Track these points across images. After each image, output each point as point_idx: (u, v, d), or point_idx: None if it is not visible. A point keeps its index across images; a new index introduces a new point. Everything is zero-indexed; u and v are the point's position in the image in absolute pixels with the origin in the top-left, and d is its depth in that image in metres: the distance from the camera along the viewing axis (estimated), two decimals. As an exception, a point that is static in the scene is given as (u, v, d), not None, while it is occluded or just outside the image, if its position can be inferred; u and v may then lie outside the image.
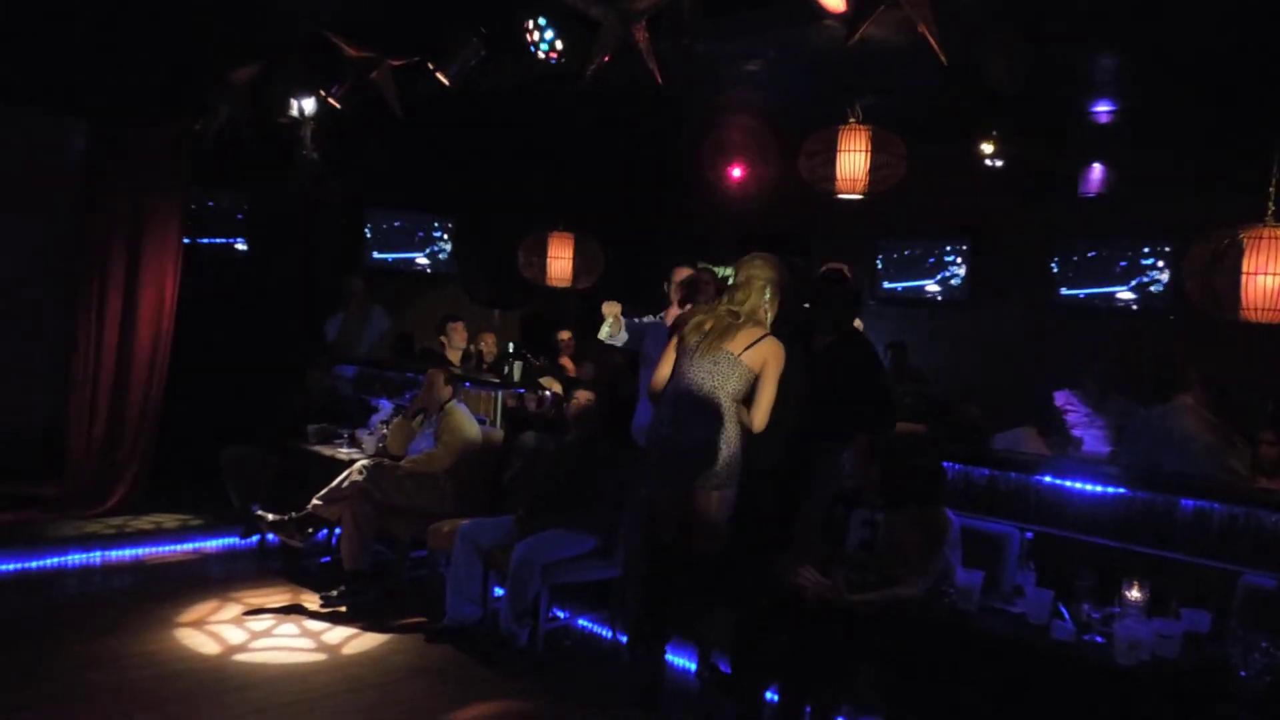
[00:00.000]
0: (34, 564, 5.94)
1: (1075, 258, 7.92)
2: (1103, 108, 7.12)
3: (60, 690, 4.33)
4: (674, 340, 4.44)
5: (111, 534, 6.37)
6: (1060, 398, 7.03)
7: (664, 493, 4.33)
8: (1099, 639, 3.39)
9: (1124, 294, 7.67)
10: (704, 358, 4.24)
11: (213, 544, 6.61)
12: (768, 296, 4.32)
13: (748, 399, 4.26)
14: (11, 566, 5.85)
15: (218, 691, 4.40)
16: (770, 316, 4.34)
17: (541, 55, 5.26)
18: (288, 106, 6.73)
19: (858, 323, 5.09)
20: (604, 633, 5.27)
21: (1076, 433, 6.85)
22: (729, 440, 4.21)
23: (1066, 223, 7.95)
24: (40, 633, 5.00)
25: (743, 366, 4.21)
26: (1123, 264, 7.68)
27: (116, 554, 6.24)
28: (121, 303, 6.90)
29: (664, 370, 4.42)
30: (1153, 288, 7.56)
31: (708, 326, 4.28)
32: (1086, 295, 7.85)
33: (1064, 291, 7.95)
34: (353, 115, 6.44)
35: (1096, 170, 7.72)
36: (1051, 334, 7.94)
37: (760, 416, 4.19)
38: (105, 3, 5.84)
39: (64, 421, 6.94)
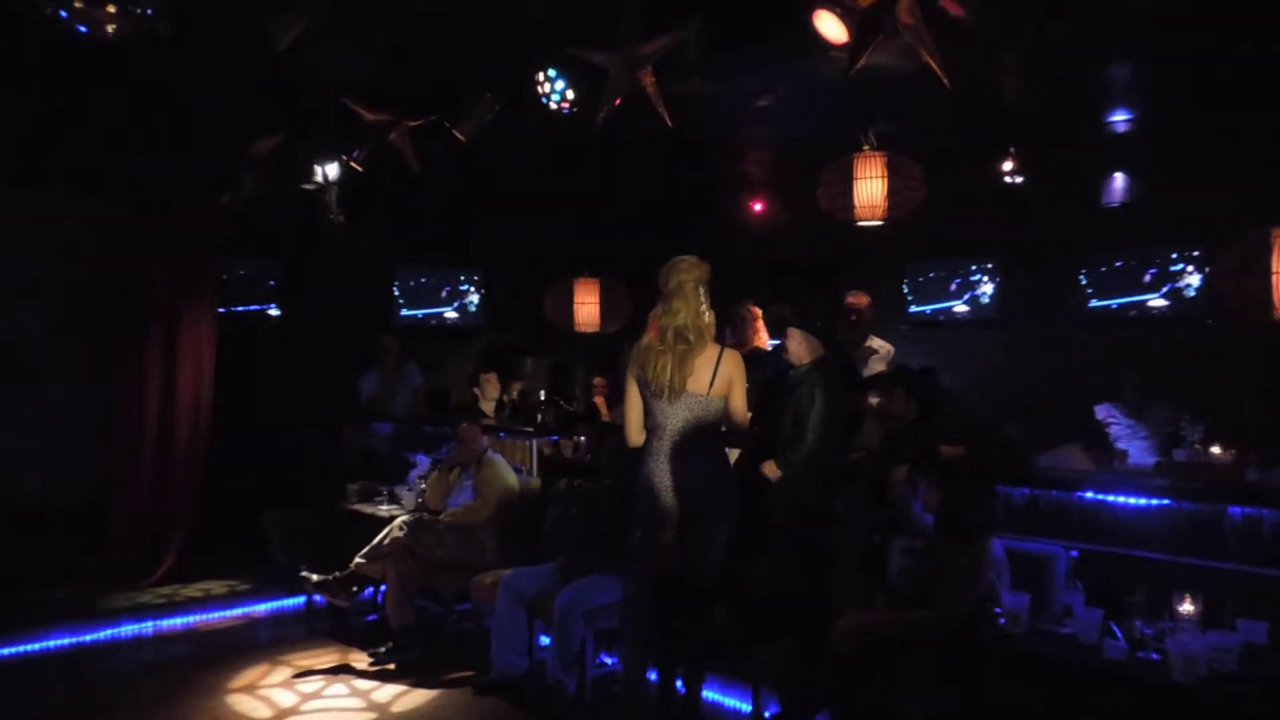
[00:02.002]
0: (88, 637, 6.01)
1: (1103, 268, 7.83)
2: (1120, 117, 7.09)
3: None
4: (632, 386, 4.34)
5: (162, 603, 6.44)
6: (1101, 411, 6.92)
7: (658, 534, 4.26)
8: (1154, 656, 3.32)
9: (1156, 301, 7.57)
10: (676, 402, 4.21)
11: (261, 608, 6.66)
12: (702, 295, 4.29)
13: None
14: (66, 641, 5.92)
15: (271, 756, 4.43)
16: (710, 317, 4.31)
17: (554, 106, 5.35)
18: (311, 173, 6.88)
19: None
20: (652, 676, 5.23)
21: (1120, 445, 6.74)
22: (719, 476, 4.26)
23: (1092, 234, 7.88)
24: (97, 705, 5.06)
25: (715, 401, 4.23)
26: (1152, 271, 7.58)
27: (168, 623, 6.31)
28: (161, 373, 7.03)
29: (633, 419, 4.36)
30: (1186, 293, 7.46)
31: (666, 366, 4.20)
32: (1118, 305, 7.76)
33: (1094, 303, 7.87)
34: (376, 176, 6.57)
35: (1119, 179, 7.66)
36: (1084, 347, 7.84)
37: (740, 418, 4.27)
38: (132, 84, 6.01)
39: (109, 493, 7.05)
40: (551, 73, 5.33)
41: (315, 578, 5.90)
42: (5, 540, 6.95)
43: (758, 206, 9.66)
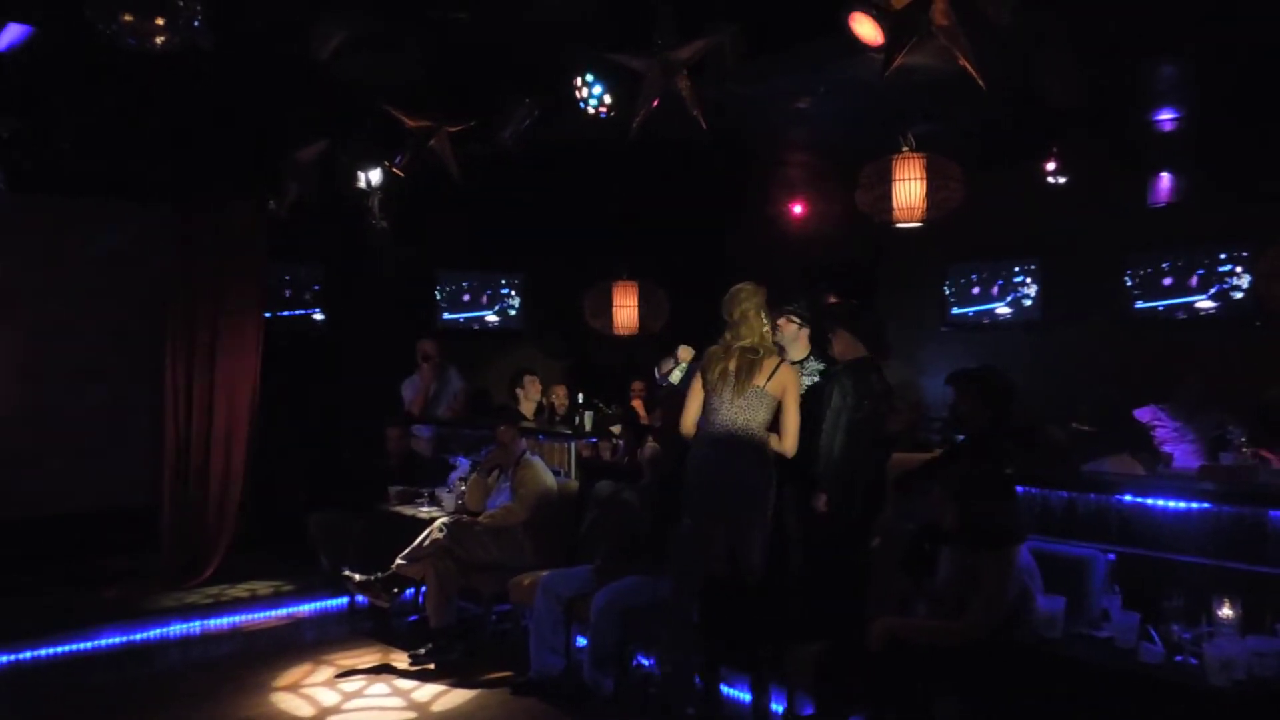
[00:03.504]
0: (138, 636, 6.14)
1: (1149, 269, 7.72)
2: (1166, 116, 6.98)
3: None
4: (697, 382, 4.69)
5: (209, 603, 6.56)
6: (1146, 414, 6.83)
7: (708, 525, 4.51)
8: (1191, 661, 3.28)
9: (1203, 303, 7.45)
10: (737, 396, 4.53)
11: (305, 608, 6.76)
12: (764, 318, 4.67)
13: (774, 426, 4.54)
14: (118, 639, 6.05)
15: (313, 752, 4.51)
16: (771, 337, 4.73)
17: (592, 110, 5.39)
18: (355, 179, 6.99)
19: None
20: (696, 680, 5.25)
21: (1166, 448, 6.64)
22: (766, 472, 4.54)
23: (1137, 234, 7.77)
24: (146, 702, 5.20)
25: (769, 397, 4.55)
26: (1199, 272, 7.46)
27: (215, 622, 6.42)
28: (208, 377, 7.17)
29: (692, 411, 4.66)
30: (1234, 294, 7.33)
31: (732, 366, 4.54)
32: (1164, 307, 7.64)
33: (1139, 305, 7.75)
34: (418, 182, 6.66)
35: (1165, 179, 7.54)
36: (1129, 349, 7.73)
37: (790, 441, 4.56)
38: (181, 94, 6.15)
39: (158, 494, 7.21)
40: (589, 77, 5.37)
41: (358, 578, 5.99)
42: (58, 540, 7.15)
43: (797, 208, 9.64)
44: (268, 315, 7.66)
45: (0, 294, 7.23)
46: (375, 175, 6.92)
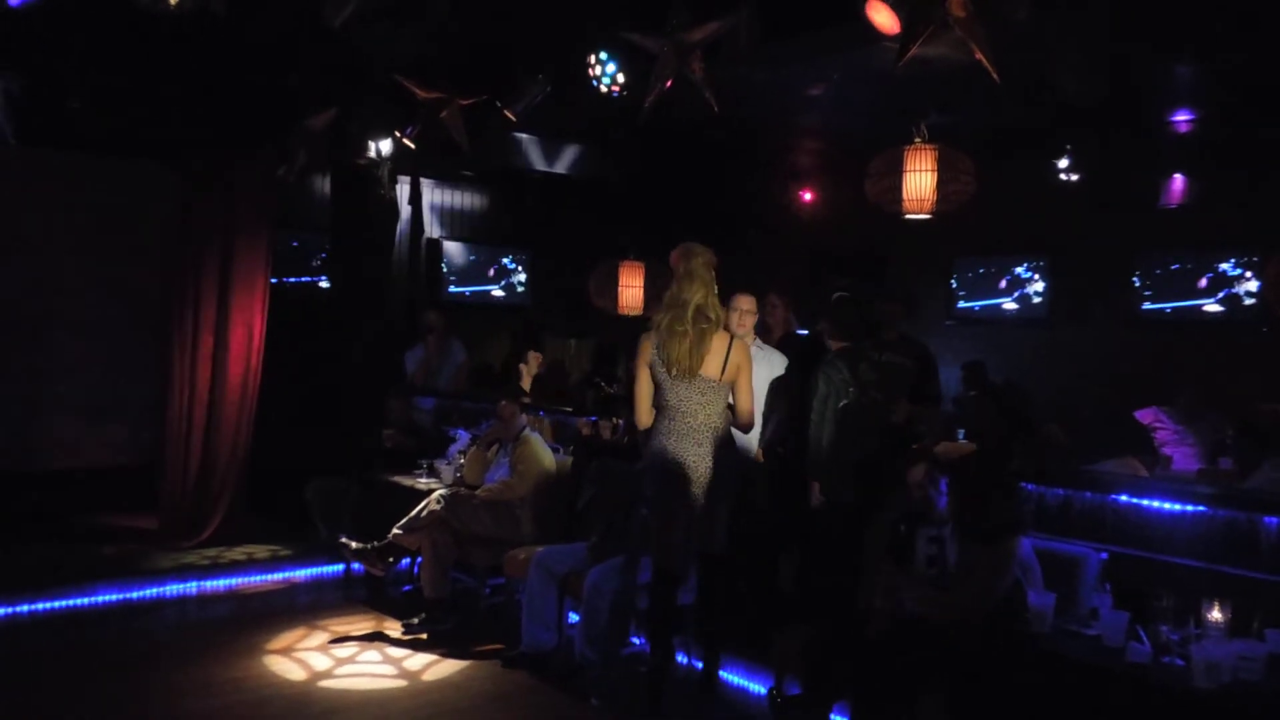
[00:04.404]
0: (134, 594, 6.21)
1: (1158, 271, 7.69)
2: (1183, 117, 6.94)
3: (155, 714, 4.53)
4: (644, 369, 4.55)
5: (206, 565, 6.62)
6: (1147, 415, 6.82)
7: (665, 510, 4.51)
8: (1178, 661, 3.30)
9: (1211, 307, 7.43)
10: (689, 387, 4.48)
11: (301, 574, 6.82)
12: (711, 278, 4.56)
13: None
14: (114, 596, 6.12)
15: (303, 717, 4.55)
16: (716, 296, 4.56)
17: (604, 89, 5.38)
18: (365, 148, 6.99)
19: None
20: (679, 657, 5.28)
21: (1166, 450, 6.64)
22: (724, 456, 4.53)
23: (1147, 235, 7.74)
24: (139, 660, 5.24)
25: (724, 388, 4.53)
26: (1209, 276, 7.43)
27: (211, 584, 6.49)
28: (213, 341, 7.20)
29: (644, 401, 4.58)
30: (1243, 300, 7.30)
31: (685, 347, 4.42)
32: (1172, 309, 7.62)
33: (1147, 306, 7.73)
34: (427, 153, 6.65)
35: (1177, 180, 7.51)
36: (1135, 350, 7.71)
37: (745, 418, 4.58)
38: (192, 56, 6.14)
39: (160, 455, 7.25)
40: (602, 56, 5.35)
41: (354, 546, 6.02)
42: (61, 496, 7.21)
43: (806, 196, 9.61)
44: (274, 280, 7.67)
45: (6, 248, 7.26)
46: (385, 145, 6.92)
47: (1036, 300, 8.40)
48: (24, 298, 7.33)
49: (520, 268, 9.88)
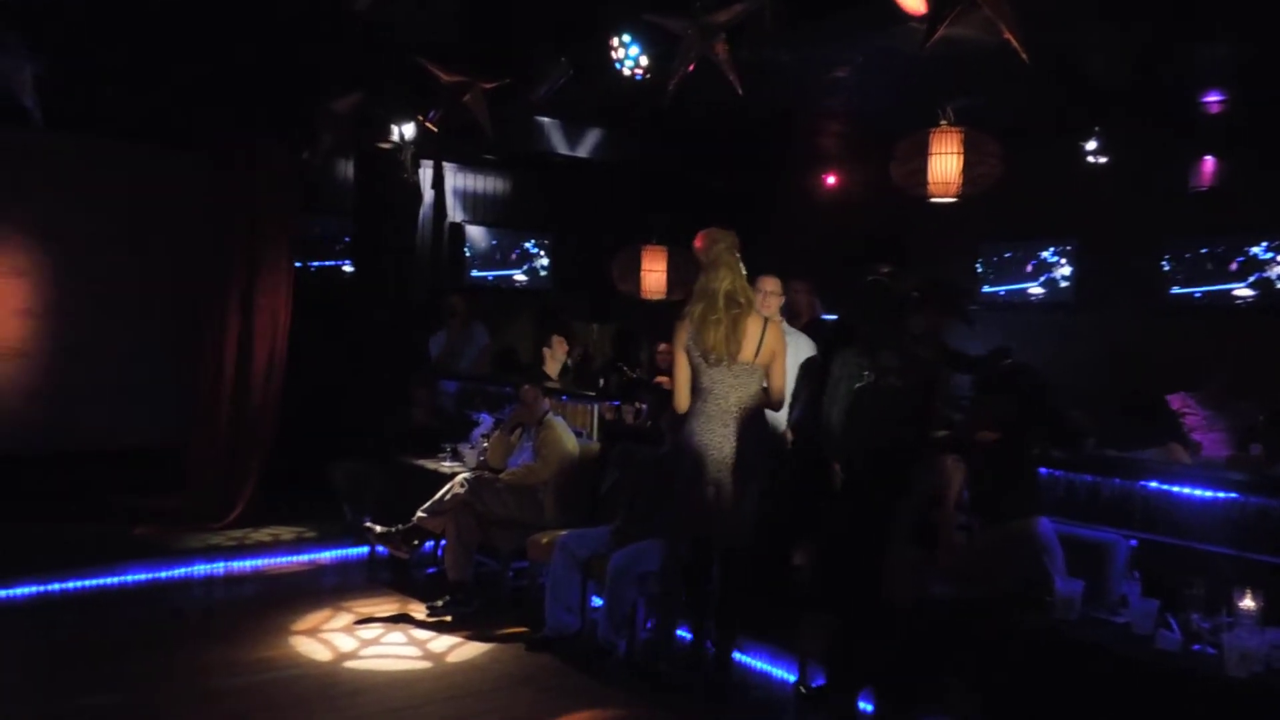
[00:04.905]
0: (163, 574, 6.29)
1: (1187, 255, 7.59)
2: (1213, 98, 6.83)
3: (183, 693, 4.57)
4: (682, 356, 4.60)
5: (233, 546, 6.68)
6: (1176, 400, 6.74)
7: (700, 492, 4.54)
8: (1209, 650, 3.26)
9: (1241, 291, 7.32)
10: (725, 371, 4.54)
11: (326, 555, 6.88)
12: (736, 261, 4.63)
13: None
14: (143, 576, 6.20)
15: (329, 697, 4.59)
16: (745, 279, 4.66)
17: (627, 72, 5.35)
18: (388, 132, 6.99)
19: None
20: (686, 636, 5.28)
21: (1195, 436, 6.57)
22: (761, 440, 4.61)
23: (1177, 219, 7.63)
24: (167, 639, 5.30)
25: (759, 370, 4.60)
26: (1239, 260, 7.33)
27: (237, 565, 6.55)
28: (238, 324, 7.24)
29: (683, 386, 4.63)
30: (1276, 284, 7.19)
31: (721, 333, 4.49)
32: (1201, 294, 7.52)
33: (1175, 290, 7.63)
34: (450, 137, 6.65)
35: (1208, 163, 7.39)
36: (1163, 335, 7.62)
37: (777, 399, 4.65)
38: (217, 43, 6.16)
39: (188, 437, 7.32)
40: (626, 38, 5.32)
41: (378, 529, 6.06)
42: (92, 477, 7.29)
43: (830, 179, 9.55)
44: (298, 264, 7.70)
45: (36, 232, 7.32)
46: (409, 129, 6.92)
47: (1063, 285, 8.32)
48: (55, 281, 7.40)
49: (542, 252, 9.87)
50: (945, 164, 5.69)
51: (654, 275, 7.76)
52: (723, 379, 4.54)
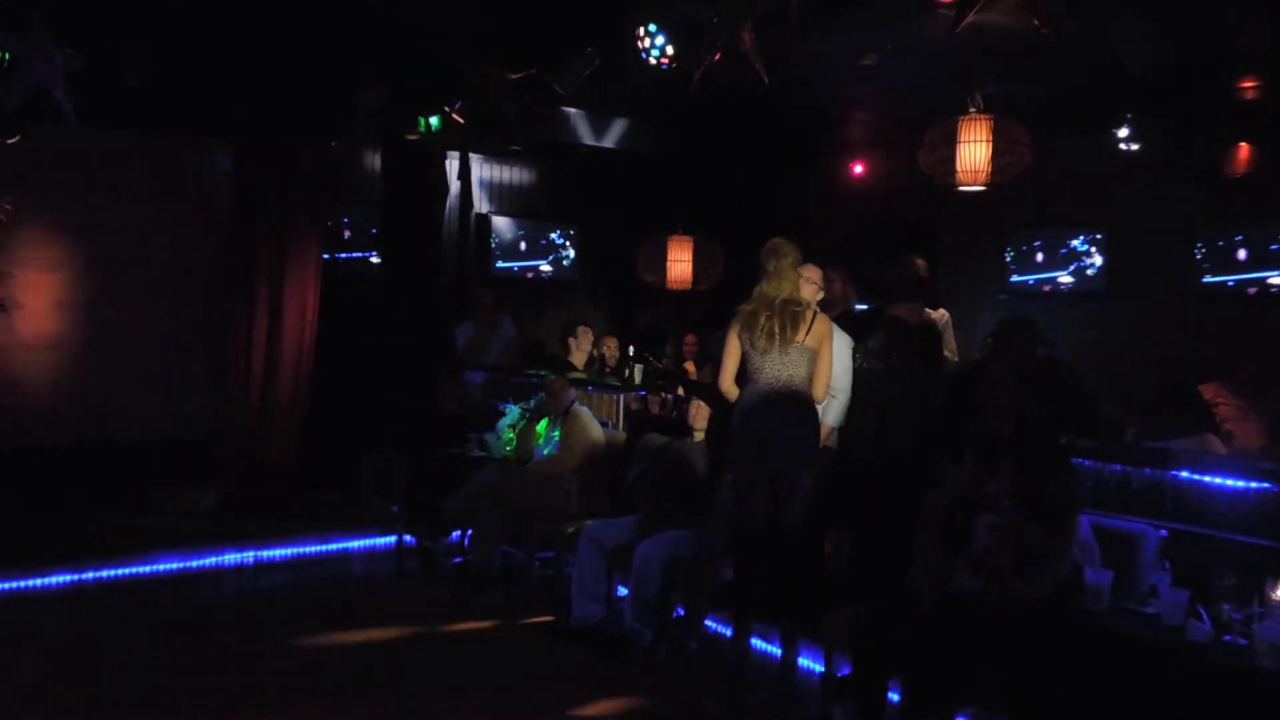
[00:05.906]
0: (194, 563, 6.36)
1: (1221, 243, 7.49)
2: (1248, 84, 6.73)
3: (214, 680, 4.63)
4: (733, 340, 4.71)
5: (263, 534, 6.75)
6: (1209, 390, 6.66)
7: (753, 476, 4.60)
8: (1240, 641, 3.23)
9: (1276, 279, 7.22)
10: (781, 354, 4.61)
11: (355, 544, 6.94)
12: (799, 273, 4.79)
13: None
14: (175, 565, 6.28)
15: (358, 683, 4.63)
16: (800, 291, 4.79)
17: (653, 62, 5.33)
18: (415, 124, 7.01)
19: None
20: (727, 631, 5.29)
21: (1228, 426, 6.49)
22: (810, 422, 4.67)
23: (1209, 207, 7.53)
24: (198, 627, 5.37)
25: (809, 351, 4.65)
26: (1273, 247, 7.22)
27: (268, 554, 6.62)
28: (268, 317, 7.31)
29: (729, 369, 4.73)
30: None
31: (776, 323, 4.61)
32: (1235, 282, 7.42)
33: (1208, 279, 7.53)
34: (476, 128, 6.66)
35: (1242, 150, 7.28)
36: (1195, 324, 7.52)
37: (821, 388, 4.67)
38: (246, 34, 6.19)
39: (219, 427, 7.40)
40: (652, 27, 5.30)
41: (406, 519, 6.10)
42: (125, 466, 7.38)
43: (857, 168, 9.49)
44: (326, 256, 7.75)
45: (69, 226, 7.41)
46: (435, 121, 6.94)
47: (1093, 273, 8.23)
48: (88, 274, 7.49)
49: (568, 243, 9.88)
50: (974, 152, 5.66)
51: (679, 265, 7.78)
52: (773, 361, 4.61)
